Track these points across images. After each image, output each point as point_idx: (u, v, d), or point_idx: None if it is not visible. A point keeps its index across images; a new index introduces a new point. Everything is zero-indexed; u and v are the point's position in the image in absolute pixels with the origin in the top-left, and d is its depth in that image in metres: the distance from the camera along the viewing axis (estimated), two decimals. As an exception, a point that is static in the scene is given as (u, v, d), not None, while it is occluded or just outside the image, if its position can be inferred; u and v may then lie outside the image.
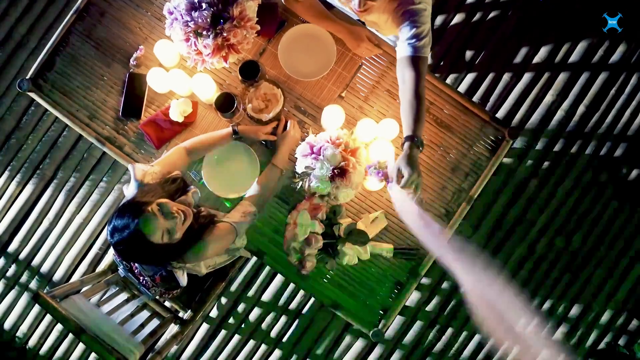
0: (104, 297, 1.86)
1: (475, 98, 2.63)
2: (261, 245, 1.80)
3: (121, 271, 1.67)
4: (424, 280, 2.58)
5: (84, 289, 1.82)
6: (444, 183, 1.81)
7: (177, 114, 1.72)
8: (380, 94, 1.84)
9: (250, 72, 1.72)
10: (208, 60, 1.64)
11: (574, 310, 2.60)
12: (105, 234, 2.33)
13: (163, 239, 1.36)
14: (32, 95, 1.83)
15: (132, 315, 1.82)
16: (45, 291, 1.59)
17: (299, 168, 1.66)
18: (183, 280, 1.53)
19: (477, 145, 1.83)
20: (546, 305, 2.59)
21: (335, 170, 1.60)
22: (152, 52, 1.77)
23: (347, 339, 2.62)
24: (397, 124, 1.74)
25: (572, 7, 2.60)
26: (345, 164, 1.60)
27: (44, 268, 2.68)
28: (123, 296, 1.90)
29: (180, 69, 1.77)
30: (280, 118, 1.79)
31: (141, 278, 1.60)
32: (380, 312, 1.79)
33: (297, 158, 1.68)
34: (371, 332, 1.75)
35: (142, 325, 1.82)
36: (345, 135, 1.66)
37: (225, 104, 1.68)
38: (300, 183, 1.67)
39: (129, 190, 1.51)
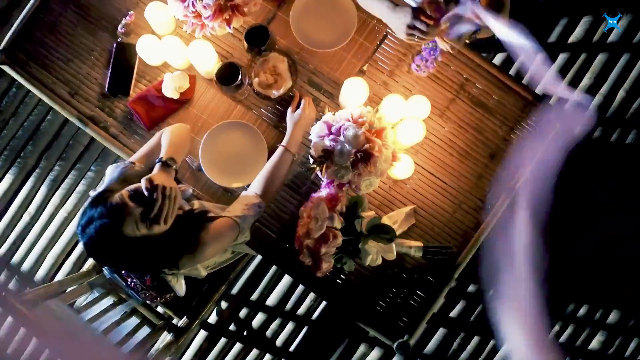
0: (86, 302, 1.69)
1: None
2: (268, 241, 1.61)
3: (106, 272, 1.52)
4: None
5: (64, 292, 1.63)
6: (481, 171, 1.62)
7: (171, 90, 1.55)
8: (407, 67, 1.63)
9: (257, 39, 1.51)
10: (208, 24, 1.47)
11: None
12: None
13: (140, 229, 1.15)
14: (5, 68, 1.65)
15: (118, 322, 1.67)
16: (22, 294, 1.42)
17: (315, 152, 1.45)
18: (180, 290, 1.37)
19: (517, 128, 1.63)
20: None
21: (357, 154, 1.38)
22: (144, 19, 1.59)
23: (362, 348, 2.45)
24: (428, 101, 1.55)
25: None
26: (369, 147, 1.38)
27: (24, 267, 2.49)
28: (108, 300, 1.74)
29: (176, 36, 1.58)
30: (294, 94, 1.59)
31: (129, 280, 1.44)
32: (404, 319, 1.60)
33: (311, 140, 1.47)
34: (395, 343, 1.55)
35: (130, 334, 1.66)
36: (369, 113, 1.44)
37: (229, 75, 1.47)
38: (316, 169, 1.45)
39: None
